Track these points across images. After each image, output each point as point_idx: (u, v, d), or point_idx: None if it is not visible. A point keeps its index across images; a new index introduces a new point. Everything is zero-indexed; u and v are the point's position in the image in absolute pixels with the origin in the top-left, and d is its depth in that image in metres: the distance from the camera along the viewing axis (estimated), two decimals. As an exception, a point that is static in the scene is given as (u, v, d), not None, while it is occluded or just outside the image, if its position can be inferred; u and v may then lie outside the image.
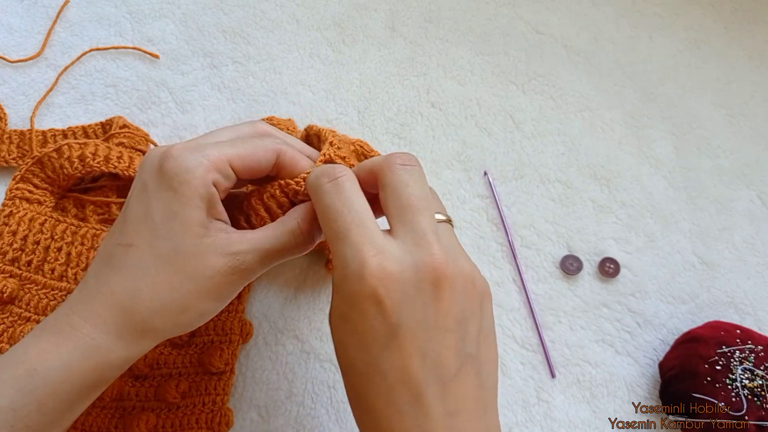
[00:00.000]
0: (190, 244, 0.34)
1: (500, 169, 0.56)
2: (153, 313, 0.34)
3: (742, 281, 0.53)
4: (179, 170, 0.34)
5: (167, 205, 0.35)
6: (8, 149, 0.52)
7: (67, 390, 0.33)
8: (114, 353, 0.34)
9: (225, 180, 0.36)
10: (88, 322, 0.34)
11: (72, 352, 0.33)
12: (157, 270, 0.34)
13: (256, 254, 0.36)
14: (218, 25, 0.61)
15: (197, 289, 0.35)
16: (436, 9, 0.63)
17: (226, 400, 0.45)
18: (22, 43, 0.58)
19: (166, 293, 0.34)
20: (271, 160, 0.37)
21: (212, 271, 0.35)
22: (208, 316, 0.37)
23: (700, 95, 0.61)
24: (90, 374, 0.34)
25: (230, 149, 0.36)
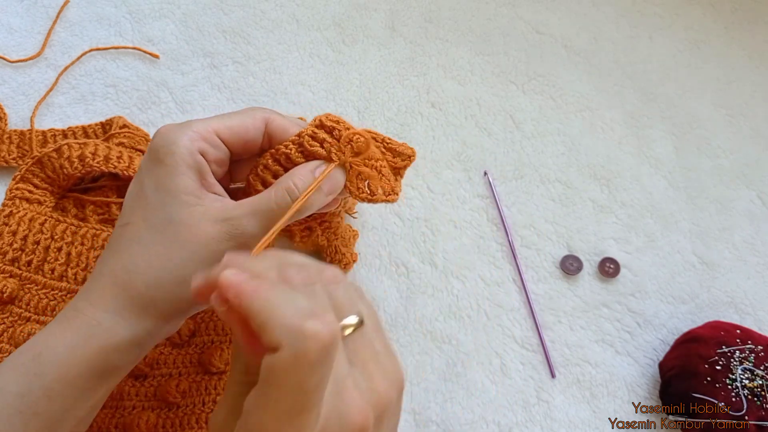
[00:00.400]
0: (182, 213, 0.34)
1: (500, 169, 0.56)
2: (149, 285, 0.34)
3: (742, 281, 0.53)
4: (165, 142, 0.35)
5: (156, 178, 0.34)
6: (8, 149, 0.52)
7: (74, 374, 0.32)
8: (118, 334, 0.33)
9: (213, 149, 0.36)
10: (91, 304, 0.34)
11: (76, 334, 0.33)
12: (151, 242, 0.34)
13: (252, 217, 0.35)
14: (218, 25, 0.61)
15: (192, 258, 0.34)
16: (436, 9, 0.63)
17: (226, 400, 0.45)
18: (22, 43, 0.58)
19: (160, 264, 0.34)
20: (260, 129, 0.37)
21: (206, 238, 0.34)
22: None
23: (700, 95, 0.61)
24: (95, 357, 0.33)
25: (216, 121, 0.36)
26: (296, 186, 0.35)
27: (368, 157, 0.38)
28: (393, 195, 0.39)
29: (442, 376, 0.49)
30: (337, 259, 0.49)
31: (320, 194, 0.36)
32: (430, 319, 0.50)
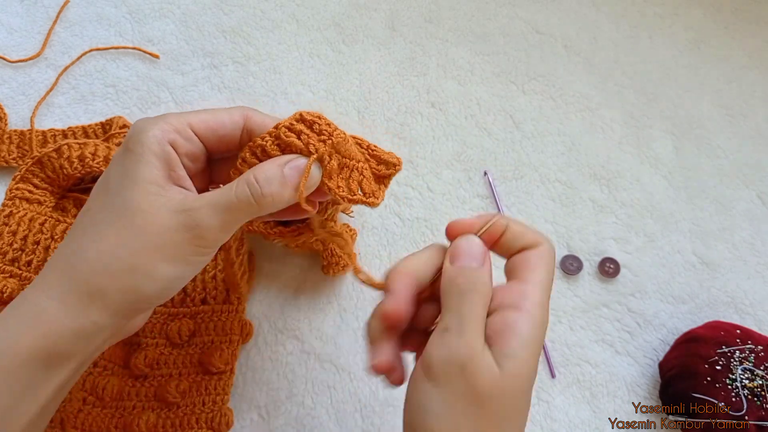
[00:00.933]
0: (141, 200, 0.32)
1: (500, 169, 0.56)
2: (96, 272, 0.32)
3: (742, 281, 0.53)
4: (135, 131, 0.34)
5: (122, 166, 0.33)
6: (8, 149, 0.52)
7: (17, 364, 0.31)
8: (61, 322, 0.31)
9: (186, 142, 0.35)
10: (37, 290, 0.32)
11: (18, 321, 0.31)
12: (105, 227, 0.32)
13: (210, 209, 0.33)
14: (218, 25, 0.61)
15: (145, 247, 0.32)
16: (436, 9, 0.63)
17: (226, 400, 0.45)
18: (22, 43, 0.58)
19: (111, 250, 0.32)
20: (237, 123, 0.36)
21: (160, 228, 0.32)
22: (166, 283, 0.33)
23: (700, 95, 0.61)
24: (38, 345, 0.31)
25: (192, 114, 0.35)
26: (257, 179, 0.33)
27: (349, 156, 0.37)
28: (373, 198, 0.38)
29: (442, 376, 0.49)
30: (334, 262, 0.49)
31: (287, 188, 0.34)
32: (430, 319, 0.50)
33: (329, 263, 0.49)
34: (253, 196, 0.33)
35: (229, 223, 0.33)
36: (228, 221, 0.33)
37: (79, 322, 0.32)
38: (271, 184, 0.33)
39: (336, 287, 0.51)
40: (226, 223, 0.33)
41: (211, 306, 0.47)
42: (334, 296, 0.50)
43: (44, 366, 0.32)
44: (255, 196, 0.33)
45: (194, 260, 0.34)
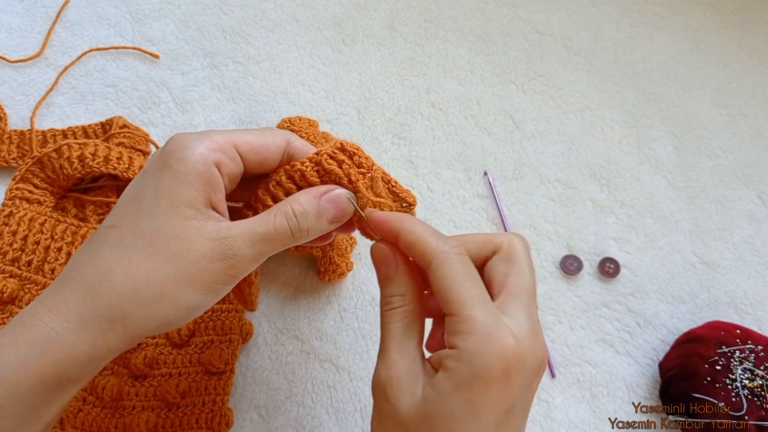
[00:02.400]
0: (176, 224, 0.31)
1: (500, 169, 0.56)
2: (122, 297, 0.30)
3: (742, 281, 0.53)
4: (178, 147, 0.32)
5: (159, 182, 0.32)
6: (8, 149, 0.52)
7: (26, 391, 0.29)
8: (76, 347, 0.30)
9: (230, 162, 0.33)
10: (52, 310, 0.30)
11: (30, 345, 0.30)
12: (134, 250, 0.31)
13: (247, 239, 0.32)
14: (218, 25, 0.61)
15: (177, 275, 0.31)
16: (436, 9, 0.63)
17: (226, 400, 0.45)
18: (22, 43, 0.58)
19: (140, 276, 0.30)
20: (280, 147, 0.35)
21: (195, 256, 0.31)
22: (189, 311, 0.32)
23: (700, 95, 0.61)
24: (50, 372, 0.30)
25: (237, 133, 0.34)
26: (294, 213, 0.33)
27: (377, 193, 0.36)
28: None
29: (442, 376, 0.49)
30: (332, 269, 0.49)
31: (322, 222, 0.34)
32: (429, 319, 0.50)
33: (326, 270, 0.49)
34: (290, 229, 0.33)
35: (264, 254, 0.33)
36: (263, 252, 0.33)
37: (95, 347, 0.31)
38: (308, 218, 0.33)
39: (336, 287, 0.51)
40: (261, 254, 0.33)
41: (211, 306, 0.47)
42: (334, 296, 0.50)
43: (53, 390, 0.31)
44: (292, 230, 0.33)
45: (222, 289, 0.33)
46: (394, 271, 0.34)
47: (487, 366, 0.29)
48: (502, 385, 0.29)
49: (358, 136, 0.57)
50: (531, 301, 0.33)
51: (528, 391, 0.31)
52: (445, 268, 0.31)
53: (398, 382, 0.31)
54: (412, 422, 0.30)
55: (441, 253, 0.32)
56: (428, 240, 0.32)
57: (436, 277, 0.32)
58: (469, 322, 0.30)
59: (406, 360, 0.32)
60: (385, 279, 0.34)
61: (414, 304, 0.34)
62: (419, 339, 0.33)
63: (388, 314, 0.33)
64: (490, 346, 0.29)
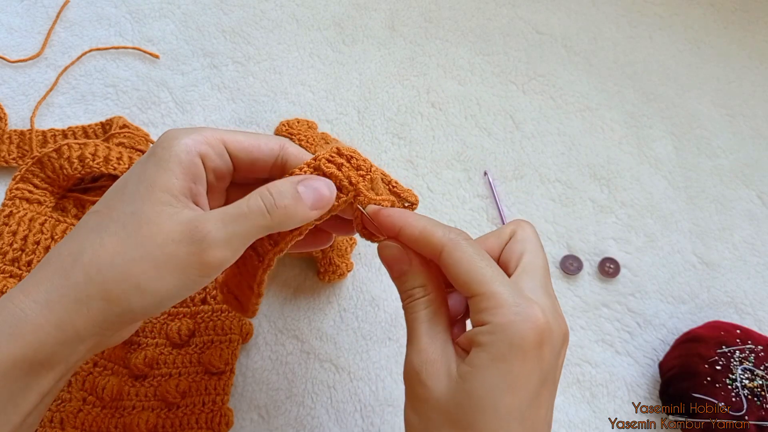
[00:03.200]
0: (150, 209, 0.31)
1: (500, 169, 0.56)
2: (88, 278, 0.30)
3: (742, 281, 0.53)
4: (167, 138, 0.33)
5: (144, 170, 0.32)
6: (8, 149, 0.52)
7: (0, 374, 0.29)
8: (43, 328, 0.29)
9: (216, 157, 0.33)
10: (23, 292, 0.30)
11: (1, 328, 0.29)
12: (107, 233, 0.31)
13: (218, 220, 0.31)
14: (218, 25, 0.61)
15: (144, 259, 0.30)
16: (436, 9, 0.63)
17: (226, 400, 0.45)
18: (22, 43, 0.58)
19: (106, 257, 0.30)
20: (273, 150, 0.35)
21: (163, 238, 0.30)
22: (154, 298, 0.31)
23: (700, 95, 0.61)
24: (20, 354, 0.29)
25: (229, 132, 0.34)
26: (270, 192, 0.32)
27: (379, 193, 0.36)
28: None
29: (442, 376, 0.49)
30: (332, 270, 0.49)
31: (303, 206, 0.33)
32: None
33: (326, 270, 0.49)
34: (265, 205, 0.32)
35: (237, 237, 0.31)
36: (236, 233, 0.31)
37: (62, 330, 0.30)
38: (285, 197, 0.32)
39: (336, 287, 0.51)
40: (234, 235, 0.31)
41: (211, 306, 0.47)
42: (334, 296, 0.50)
43: (26, 375, 0.30)
44: (267, 206, 0.32)
45: (192, 279, 0.31)
46: (408, 265, 0.34)
47: (521, 335, 0.30)
48: (536, 355, 0.30)
49: (358, 136, 0.57)
50: (546, 278, 0.33)
51: (557, 362, 0.32)
52: (457, 252, 0.32)
53: (432, 365, 0.31)
54: (452, 403, 0.31)
55: (449, 240, 0.32)
56: (434, 230, 0.33)
57: (450, 263, 0.32)
58: (496, 297, 0.30)
59: (438, 343, 0.32)
60: (401, 275, 0.34)
61: (437, 292, 0.34)
62: (447, 324, 0.33)
63: (412, 305, 0.33)
64: (522, 316, 0.30)
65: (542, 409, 0.31)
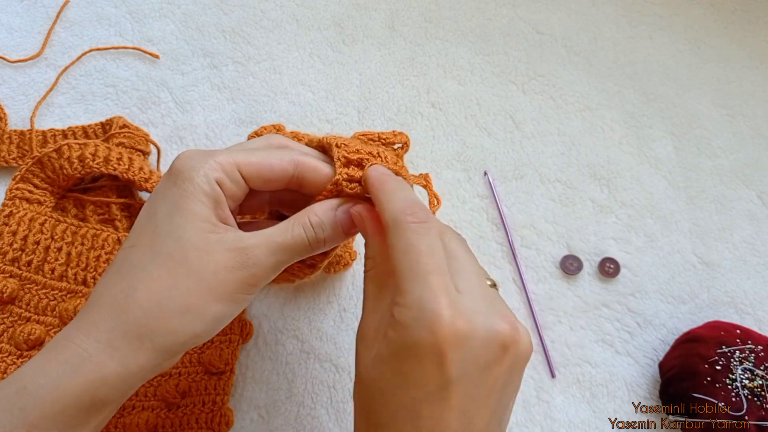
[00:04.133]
0: (194, 238, 0.32)
1: (500, 169, 0.56)
2: (148, 313, 0.31)
3: (742, 281, 0.53)
4: (184, 167, 0.33)
5: (171, 202, 0.33)
6: (8, 149, 0.52)
7: (59, 411, 0.30)
8: (107, 367, 0.31)
9: (232, 184, 0.34)
10: (82, 332, 0.31)
11: (63, 367, 0.30)
12: (155, 266, 0.32)
13: (266, 248, 0.33)
14: (218, 25, 0.61)
15: (199, 287, 0.31)
16: (436, 9, 0.63)
17: (226, 400, 0.45)
18: (22, 43, 0.58)
19: (163, 291, 0.31)
20: (287, 170, 0.36)
21: (216, 266, 0.32)
22: (215, 322, 0.33)
23: (700, 95, 0.61)
24: (82, 392, 0.30)
25: (241, 155, 0.35)
26: (311, 223, 0.34)
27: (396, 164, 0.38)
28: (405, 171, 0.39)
29: (442, 376, 0.49)
30: (335, 261, 0.49)
31: (338, 232, 0.35)
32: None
33: (330, 262, 0.49)
34: (308, 239, 0.34)
35: (282, 263, 0.34)
36: (281, 261, 0.34)
37: (126, 366, 0.31)
38: (325, 229, 0.35)
39: (336, 287, 0.51)
40: (279, 263, 0.34)
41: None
42: (334, 296, 0.50)
43: (85, 412, 0.31)
44: (310, 240, 0.34)
45: (242, 299, 0.33)
46: (364, 233, 0.35)
47: (414, 339, 0.29)
48: (435, 358, 0.29)
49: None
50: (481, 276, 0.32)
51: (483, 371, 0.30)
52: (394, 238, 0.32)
53: (363, 339, 0.32)
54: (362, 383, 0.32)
55: (400, 222, 0.32)
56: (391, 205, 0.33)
57: (389, 244, 0.32)
58: (405, 294, 0.30)
59: (376, 317, 0.32)
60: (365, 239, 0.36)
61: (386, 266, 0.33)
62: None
63: (364, 275, 0.35)
64: (420, 320, 0.29)
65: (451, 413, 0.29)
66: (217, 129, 0.56)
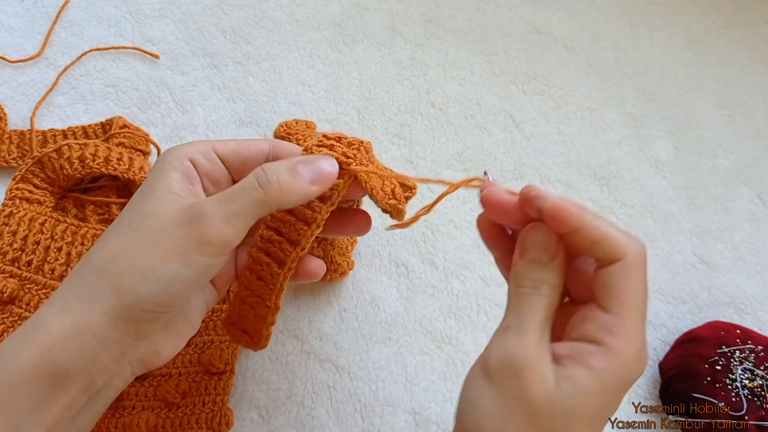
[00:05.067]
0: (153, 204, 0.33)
1: (500, 169, 0.56)
2: (97, 274, 0.31)
3: (742, 281, 0.53)
4: (164, 154, 0.35)
5: (146, 183, 0.34)
6: (8, 149, 0.52)
7: (21, 381, 0.29)
8: (60, 331, 0.30)
9: (206, 162, 0.35)
10: (47, 302, 0.32)
11: (21, 334, 0.30)
12: (114, 233, 0.33)
13: (215, 201, 0.32)
14: (218, 25, 0.61)
15: (144, 246, 0.31)
16: (436, 9, 0.63)
17: (226, 400, 0.45)
18: (22, 43, 0.58)
19: (112, 252, 0.32)
20: (262, 149, 0.36)
21: (162, 223, 0.32)
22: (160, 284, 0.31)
23: (700, 95, 0.61)
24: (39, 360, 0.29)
25: (219, 141, 0.37)
26: (264, 170, 0.33)
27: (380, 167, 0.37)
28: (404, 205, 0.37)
29: (442, 376, 0.49)
30: (333, 269, 0.49)
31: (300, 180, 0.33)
32: (430, 319, 0.50)
33: (328, 270, 0.49)
34: (257, 181, 0.32)
35: (234, 214, 0.32)
36: (233, 211, 0.32)
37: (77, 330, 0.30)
38: (279, 172, 0.33)
39: (336, 287, 0.51)
40: (232, 213, 0.32)
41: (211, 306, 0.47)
42: (334, 296, 0.50)
43: (49, 383, 0.30)
44: (260, 181, 0.32)
45: (195, 260, 0.31)
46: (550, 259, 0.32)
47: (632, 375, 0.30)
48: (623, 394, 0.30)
49: (357, 137, 0.57)
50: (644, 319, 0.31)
51: None
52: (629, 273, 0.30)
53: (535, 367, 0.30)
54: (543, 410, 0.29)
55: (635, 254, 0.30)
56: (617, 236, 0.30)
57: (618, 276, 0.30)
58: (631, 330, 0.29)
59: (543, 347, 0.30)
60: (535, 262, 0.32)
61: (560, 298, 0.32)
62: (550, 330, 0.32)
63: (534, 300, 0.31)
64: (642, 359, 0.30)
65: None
66: (217, 129, 0.56)
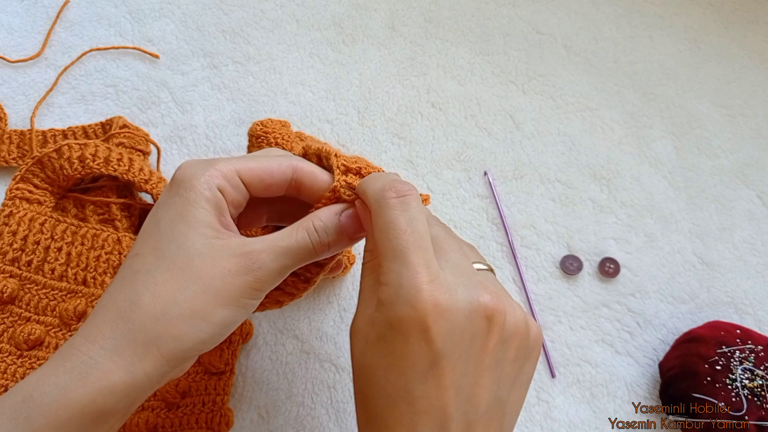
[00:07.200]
0: (198, 244, 0.32)
1: (500, 169, 0.56)
2: (153, 319, 0.31)
3: (742, 281, 0.53)
4: (185, 176, 0.34)
5: (174, 210, 0.33)
6: (8, 149, 0.52)
7: (64, 420, 0.29)
8: (114, 374, 0.30)
9: (233, 190, 0.34)
10: (87, 340, 0.31)
11: (69, 375, 0.30)
12: (159, 272, 0.32)
13: (271, 252, 0.33)
14: (218, 25, 0.61)
15: (205, 292, 0.31)
16: (436, 9, 0.63)
17: (226, 400, 0.45)
18: (22, 43, 0.58)
19: (168, 296, 0.31)
20: (285, 174, 0.36)
21: (221, 271, 0.32)
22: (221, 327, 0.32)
23: (700, 95, 0.61)
24: (88, 401, 0.30)
25: (240, 162, 0.35)
26: (315, 227, 0.34)
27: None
28: None
29: (442, 376, 0.49)
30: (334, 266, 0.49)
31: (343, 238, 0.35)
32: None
33: None
34: (312, 243, 0.34)
35: (287, 268, 0.34)
36: (286, 266, 0.34)
37: (133, 374, 0.30)
38: (329, 233, 0.35)
39: (336, 287, 0.51)
40: (284, 267, 0.34)
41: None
42: (334, 296, 0.50)
43: (91, 421, 0.30)
44: (314, 244, 0.34)
45: (248, 303, 0.33)
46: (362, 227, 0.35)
47: (398, 316, 0.29)
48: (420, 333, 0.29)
49: (358, 136, 0.57)
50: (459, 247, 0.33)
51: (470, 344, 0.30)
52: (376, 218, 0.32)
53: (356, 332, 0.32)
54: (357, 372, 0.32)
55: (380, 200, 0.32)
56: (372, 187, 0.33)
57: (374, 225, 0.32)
58: (387, 273, 0.30)
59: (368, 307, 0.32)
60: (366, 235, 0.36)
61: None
62: None
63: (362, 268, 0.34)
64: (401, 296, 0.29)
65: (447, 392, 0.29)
66: (217, 129, 0.56)
